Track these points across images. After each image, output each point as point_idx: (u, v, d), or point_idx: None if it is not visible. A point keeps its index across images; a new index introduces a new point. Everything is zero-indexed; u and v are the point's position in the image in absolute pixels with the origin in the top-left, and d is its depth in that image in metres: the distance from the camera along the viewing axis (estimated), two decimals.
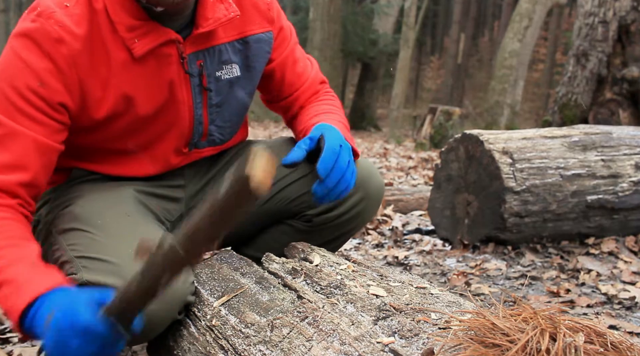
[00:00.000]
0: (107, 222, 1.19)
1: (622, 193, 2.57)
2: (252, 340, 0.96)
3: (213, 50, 1.29)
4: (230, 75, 1.33)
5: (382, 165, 6.16)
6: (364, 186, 1.41)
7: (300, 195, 1.41)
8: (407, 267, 2.42)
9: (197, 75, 1.27)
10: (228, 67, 1.32)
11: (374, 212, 1.49)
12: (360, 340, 0.85)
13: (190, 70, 1.26)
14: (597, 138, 2.66)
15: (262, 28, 1.36)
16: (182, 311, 1.13)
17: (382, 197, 1.49)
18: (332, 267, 1.12)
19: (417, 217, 3.28)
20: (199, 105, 1.30)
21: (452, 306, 0.93)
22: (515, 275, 2.27)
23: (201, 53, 1.27)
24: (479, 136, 2.50)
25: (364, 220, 1.48)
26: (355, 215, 1.43)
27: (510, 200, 2.39)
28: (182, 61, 1.24)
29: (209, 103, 1.31)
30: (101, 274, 1.07)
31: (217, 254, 1.34)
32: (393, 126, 11.64)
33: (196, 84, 1.28)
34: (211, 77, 1.30)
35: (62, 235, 1.21)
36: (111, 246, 1.12)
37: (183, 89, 1.26)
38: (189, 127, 1.31)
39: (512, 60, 9.99)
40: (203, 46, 1.27)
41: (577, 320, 0.76)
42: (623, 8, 5.27)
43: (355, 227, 1.46)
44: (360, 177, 1.39)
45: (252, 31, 1.34)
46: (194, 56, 1.26)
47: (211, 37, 1.28)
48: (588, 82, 5.42)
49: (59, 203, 1.29)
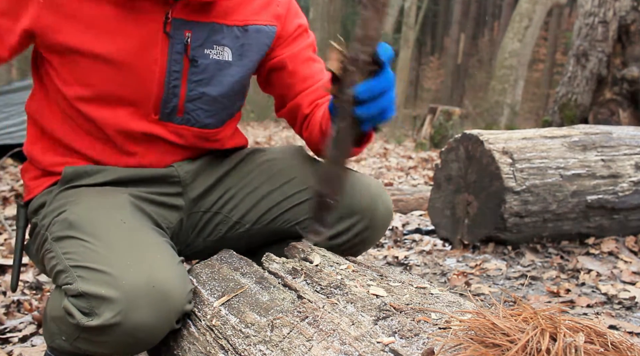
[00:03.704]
0: (103, 230, 1.17)
1: (622, 193, 2.57)
2: (252, 340, 0.96)
3: (206, 26, 1.26)
4: (220, 57, 1.30)
5: (382, 165, 6.16)
6: (371, 214, 1.37)
7: (306, 219, 1.37)
8: (407, 267, 2.43)
9: (180, 42, 1.25)
10: (219, 49, 1.29)
11: (379, 237, 1.45)
12: (361, 339, 0.85)
13: (172, 33, 1.23)
14: (597, 138, 2.66)
15: (267, 21, 1.34)
16: (180, 320, 1.12)
17: (389, 224, 1.43)
18: (332, 266, 1.12)
19: (417, 217, 3.28)
20: (175, 74, 1.26)
21: (452, 306, 0.93)
22: (515, 275, 2.27)
23: (192, 24, 1.25)
24: (479, 136, 2.51)
25: (369, 245, 1.44)
26: (359, 242, 1.40)
27: (510, 200, 2.39)
28: (165, 21, 1.22)
29: (189, 77, 1.28)
30: (97, 285, 1.05)
31: (217, 254, 1.33)
32: (393, 126, 11.64)
33: (176, 51, 1.25)
34: (198, 51, 1.27)
35: (57, 243, 1.19)
36: (107, 255, 1.10)
37: (158, 48, 1.24)
38: (157, 92, 1.27)
39: (512, 60, 9.99)
40: (197, 18, 1.25)
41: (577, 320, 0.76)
42: (623, 8, 5.27)
43: (358, 251, 1.44)
44: (367, 202, 1.36)
45: (255, 21, 1.33)
46: (181, 23, 1.24)
47: (210, 13, 1.26)
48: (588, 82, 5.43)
49: (54, 209, 1.27)
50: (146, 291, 1.04)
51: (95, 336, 1.06)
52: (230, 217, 1.41)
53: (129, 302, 1.03)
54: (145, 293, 1.04)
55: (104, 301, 1.04)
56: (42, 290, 2.13)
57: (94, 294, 1.05)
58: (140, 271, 1.07)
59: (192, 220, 1.41)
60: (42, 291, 2.11)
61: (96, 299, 1.04)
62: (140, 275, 1.06)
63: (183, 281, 1.13)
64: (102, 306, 1.04)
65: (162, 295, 1.06)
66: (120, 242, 1.13)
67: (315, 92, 1.39)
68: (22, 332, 1.77)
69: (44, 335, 1.25)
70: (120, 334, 1.04)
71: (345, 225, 1.37)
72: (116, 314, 1.03)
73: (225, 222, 1.41)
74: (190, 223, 1.41)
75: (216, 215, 1.41)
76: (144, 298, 1.04)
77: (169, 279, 1.08)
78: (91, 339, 1.07)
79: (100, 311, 1.03)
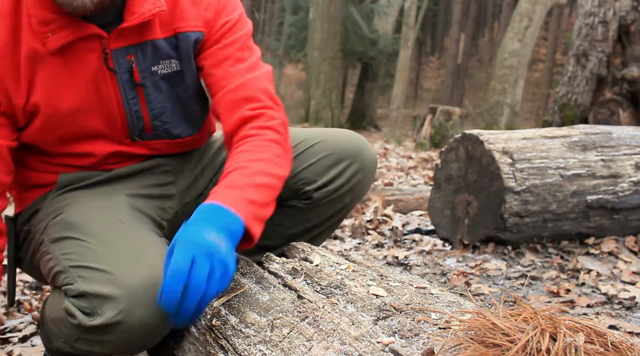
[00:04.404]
0: (101, 229, 1.17)
1: (622, 193, 2.57)
2: (252, 340, 0.96)
3: (146, 44, 1.26)
4: (169, 70, 1.30)
5: (382, 165, 6.16)
6: (359, 158, 1.42)
7: (298, 173, 1.40)
8: (407, 266, 2.42)
9: (126, 71, 1.25)
10: (166, 62, 1.29)
11: (369, 184, 1.50)
12: (361, 339, 0.85)
13: (115, 66, 1.23)
14: (597, 138, 2.66)
15: (194, 27, 1.30)
16: None
17: (376, 168, 1.50)
18: (332, 266, 1.12)
19: (417, 217, 3.28)
20: (132, 101, 1.27)
21: (452, 306, 0.93)
22: (515, 275, 2.27)
23: (133, 47, 1.24)
24: (479, 136, 2.50)
25: (361, 192, 1.49)
26: (352, 186, 1.43)
27: (510, 200, 2.39)
28: (105, 56, 1.22)
29: (146, 98, 1.28)
30: (98, 284, 1.05)
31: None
32: (393, 126, 11.64)
33: (125, 80, 1.25)
34: (145, 72, 1.27)
35: (55, 244, 1.19)
36: (106, 254, 1.10)
37: (108, 84, 1.24)
38: (121, 122, 1.28)
39: (512, 60, 9.98)
40: (135, 40, 1.24)
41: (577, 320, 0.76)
42: (623, 8, 5.27)
43: (352, 199, 1.47)
44: (354, 148, 1.42)
45: (183, 28, 1.29)
46: (124, 51, 1.24)
47: (145, 32, 1.25)
48: (588, 82, 5.43)
49: (50, 212, 1.27)
50: (148, 289, 1.05)
51: (96, 336, 1.06)
52: None
53: (131, 300, 1.03)
54: (147, 291, 1.04)
55: (106, 300, 1.04)
56: (42, 290, 2.13)
57: (96, 293, 1.05)
58: (141, 269, 1.07)
59: (187, 210, 1.42)
60: (42, 291, 2.11)
61: (98, 298, 1.04)
62: (141, 273, 1.06)
63: None
64: (104, 305, 1.03)
65: None
66: (119, 241, 1.13)
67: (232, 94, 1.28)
68: (22, 332, 1.77)
69: (42, 338, 1.25)
70: (122, 333, 1.04)
71: (338, 170, 1.41)
72: (118, 312, 1.03)
73: None
74: (186, 212, 1.42)
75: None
76: (145, 296, 1.04)
77: None
78: (92, 339, 1.07)
79: (102, 311, 1.03)
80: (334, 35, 13.13)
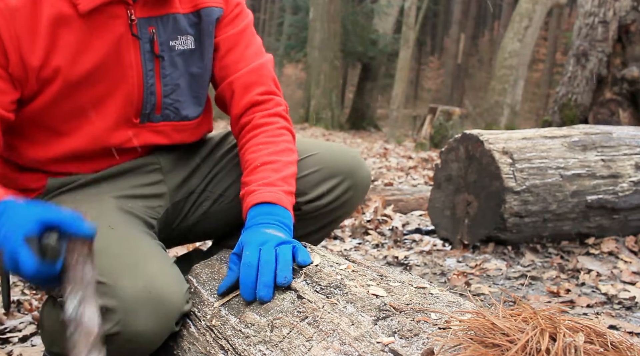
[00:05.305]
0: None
1: (622, 193, 2.57)
2: (252, 340, 0.96)
3: (167, 18, 1.27)
4: (185, 46, 1.31)
5: (382, 165, 6.16)
6: (352, 175, 1.42)
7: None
8: (407, 267, 2.42)
9: (147, 41, 1.25)
10: (183, 38, 1.30)
11: (360, 201, 1.49)
12: (360, 340, 0.85)
13: (139, 34, 1.24)
14: (597, 138, 2.66)
15: (215, 2, 1.33)
16: (180, 321, 1.12)
17: (368, 187, 1.49)
18: (332, 266, 1.12)
19: (417, 217, 3.28)
20: (150, 73, 1.27)
21: (452, 306, 0.93)
22: (515, 275, 2.27)
23: (154, 19, 1.25)
24: (479, 136, 2.51)
25: (351, 209, 1.48)
26: (342, 203, 1.43)
27: (510, 200, 2.39)
28: (130, 23, 1.22)
29: (162, 73, 1.29)
30: None
31: (217, 254, 1.33)
32: (393, 126, 11.65)
33: (146, 50, 1.26)
34: (164, 45, 1.28)
35: None
36: (99, 264, 1.09)
37: (131, 52, 1.24)
38: (138, 95, 1.27)
39: (512, 60, 9.99)
40: (157, 12, 1.26)
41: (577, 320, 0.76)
42: (623, 8, 5.27)
43: (341, 215, 1.46)
44: (349, 165, 1.41)
45: (205, 3, 1.31)
46: (145, 21, 1.24)
47: (167, 5, 1.26)
48: (588, 82, 5.42)
49: None
50: (144, 298, 1.04)
51: None
52: (214, 191, 1.44)
53: (127, 310, 1.02)
54: (143, 300, 1.04)
55: (102, 312, 1.03)
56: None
57: None
58: (135, 278, 1.06)
59: (177, 207, 1.42)
60: (42, 292, 2.11)
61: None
62: (135, 282, 1.05)
63: (179, 282, 1.12)
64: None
65: (160, 300, 1.05)
66: (111, 250, 1.11)
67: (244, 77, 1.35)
68: (22, 332, 1.77)
69: (42, 340, 1.24)
70: (121, 343, 1.03)
71: (329, 185, 1.40)
72: (115, 324, 1.02)
73: (209, 198, 1.44)
74: (176, 210, 1.42)
75: (200, 194, 1.44)
76: (142, 305, 1.03)
77: (165, 283, 1.08)
78: None
79: None
80: (334, 35, 13.15)
